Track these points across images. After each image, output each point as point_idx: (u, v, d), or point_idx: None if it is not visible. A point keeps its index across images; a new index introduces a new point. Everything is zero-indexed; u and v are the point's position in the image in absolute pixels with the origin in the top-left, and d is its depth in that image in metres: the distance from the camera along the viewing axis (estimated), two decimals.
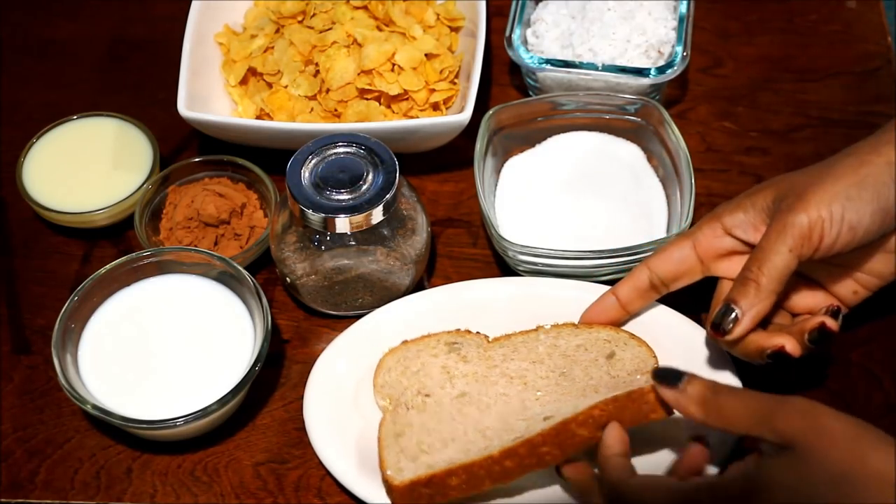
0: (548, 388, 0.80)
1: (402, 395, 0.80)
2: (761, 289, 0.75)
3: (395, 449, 0.77)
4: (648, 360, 0.80)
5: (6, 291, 0.92)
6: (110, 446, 0.84)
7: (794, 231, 0.74)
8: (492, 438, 0.76)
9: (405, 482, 0.75)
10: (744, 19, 1.08)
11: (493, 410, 0.79)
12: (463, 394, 0.80)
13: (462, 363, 0.81)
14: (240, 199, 0.92)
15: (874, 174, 0.75)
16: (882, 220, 0.75)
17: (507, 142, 0.94)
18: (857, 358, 0.86)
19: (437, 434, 0.78)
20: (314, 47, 0.98)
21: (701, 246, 0.80)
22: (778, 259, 0.75)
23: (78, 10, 1.11)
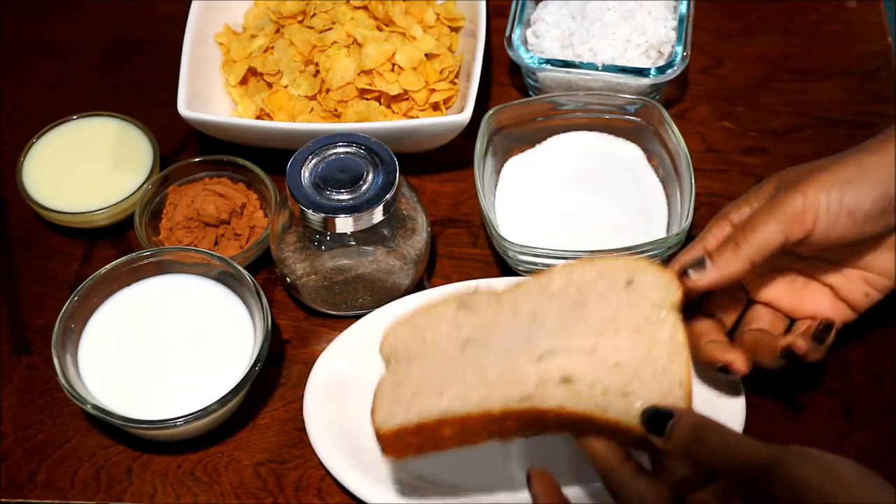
0: (558, 318, 0.74)
1: (405, 351, 0.75)
2: (739, 251, 0.74)
3: (390, 399, 0.72)
4: (671, 288, 0.74)
5: (6, 291, 0.92)
6: (110, 446, 0.84)
7: (786, 208, 0.74)
8: (493, 387, 0.71)
9: (392, 428, 0.70)
10: (744, 19, 1.08)
11: (497, 348, 0.73)
12: (468, 340, 0.75)
13: (470, 315, 0.76)
14: (240, 199, 0.92)
15: (877, 164, 0.74)
16: (884, 207, 0.74)
17: (507, 142, 0.94)
18: (856, 358, 0.86)
19: (436, 380, 0.73)
20: (314, 47, 0.98)
21: (710, 245, 0.78)
22: (763, 230, 0.74)
23: (78, 10, 1.11)
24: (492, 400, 0.70)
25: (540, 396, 0.70)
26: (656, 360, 0.72)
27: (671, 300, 0.73)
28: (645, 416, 0.68)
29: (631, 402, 0.70)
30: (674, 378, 0.71)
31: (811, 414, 0.83)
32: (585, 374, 0.71)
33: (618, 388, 0.70)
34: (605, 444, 0.69)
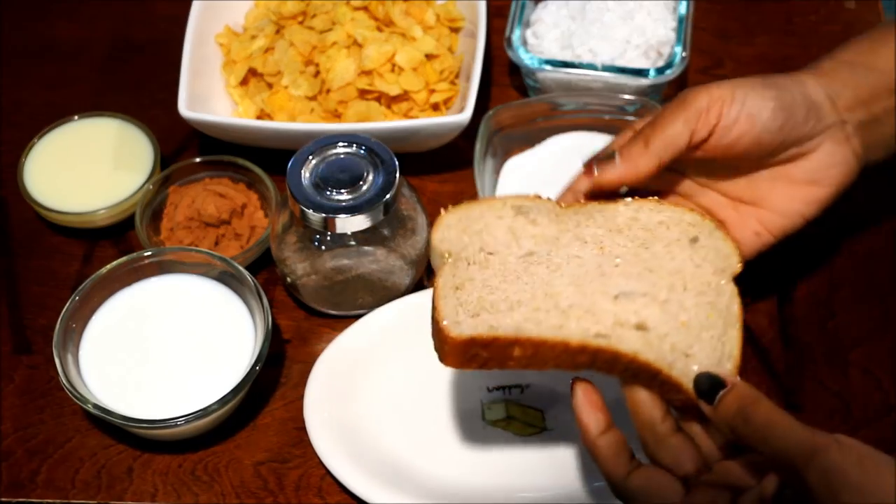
0: (627, 257, 0.73)
1: (462, 251, 0.73)
2: (648, 148, 0.75)
3: (454, 301, 0.70)
4: (733, 258, 0.73)
5: (7, 291, 0.93)
6: (111, 446, 0.84)
7: (692, 105, 0.75)
8: (568, 316, 0.70)
9: (463, 337, 0.68)
10: (743, 20, 1.08)
11: (565, 273, 0.72)
12: (530, 253, 0.73)
13: (530, 226, 0.74)
14: (240, 199, 0.93)
15: (781, 81, 0.77)
16: (783, 120, 0.75)
17: (507, 142, 0.94)
18: (856, 358, 0.86)
19: (502, 293, 0.70)
20: (314, 48, 0.98)
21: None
22: (671, 127, 0.75)
23: (79, 11, 1.11)
24: (568, 330, 0.69)
25: (616, 337, 0.69)
26: (713, 327, 0.71)
27: (732, 270, 0.73)
28: (698, 382, 0.67)
29: (690, 364, 0.69)
30: (725, 350, 0.70)
31: (811, 414, 0.84)
32: (659, 326, 0.70)
33: (683, 346, 0.70)
34: (651, 396, 0.69)
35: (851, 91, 0.78)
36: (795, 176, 0.78)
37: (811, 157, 0.78)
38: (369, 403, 0.83)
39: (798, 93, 0.76)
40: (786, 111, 0.75)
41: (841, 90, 0.78)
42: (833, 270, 0.91)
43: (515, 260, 0.72)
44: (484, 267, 0.72)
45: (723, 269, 0.73)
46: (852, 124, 0.78)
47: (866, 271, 0.90)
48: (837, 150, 0.78)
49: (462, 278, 0.71)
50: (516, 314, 0.69)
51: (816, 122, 0.77)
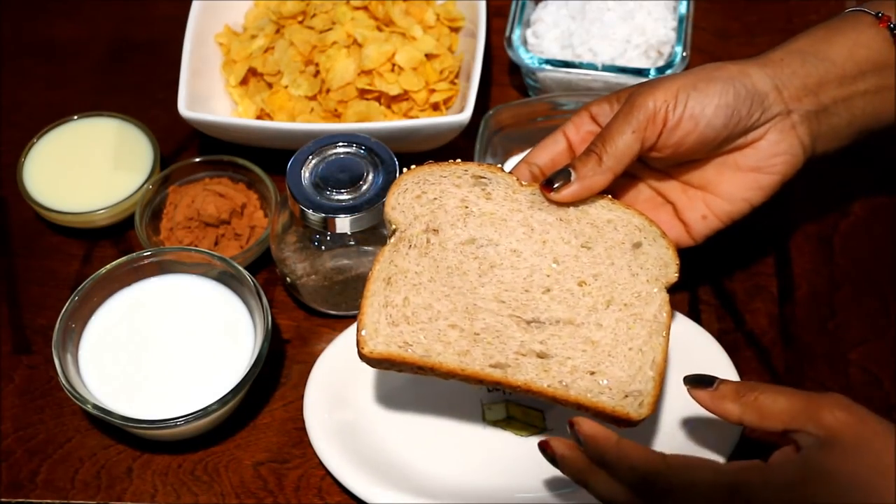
0: (566, 260, 0.76)
1: (409, 227, 0.76)
2: (602, 163, 0.77)
3: (380, 300, 0.74)
4: (671, 268, 0.76)
5: (7, 291, 0.93)
6: (111, 446, 0.84)
7: (639, 114, 0.77)
8: (477, 340, 0.73)
9: (375, 354, 0.72)
10: (743, 20, 1.08)
11: (495, 276, 0.75)
12: (472, 239, 0.76)
13: (484, 200, 0.77)
14: (240, 199, 0.93)
15: (724, 75, 0.78)
16: (727, 117, 0.77)
17: (507, 142, 0.94)
18: (856, 358, 0.86)
19: (427, 296, 0.74)
20: (314, 48, 0.98)
21: (570, 133, 0.82)
22: (621, 139, 0.77)
23: (78, 11, 1.11)
24: (471, 357, 0.72)
25: (514, 367, 0.72)
26: (635, 338, 0.74)
27: (667, 279, 0.76)
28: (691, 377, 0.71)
29: (596, 380, 0.72)
30: (647, 358, 0.73)
31: None
32: (561, 351, 0.73)
33: (588, 366, 0.73)
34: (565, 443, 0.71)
35: (800, 80, 0.79)
36: (741, 164, 0.80)
37: (757, 146, 0.79)
38: (369, 403, 0.83)
39: (741, 85, 0.77)
40: (729, 108, 0.77)
41: (788, 79, 0.79)
42: (833, 270, 0.91)
43: (454, 247, 0.75)
44: (421, 254, 0.75)
45: (657, 278, 0.76)
46: (799, 114, 0.79)
47: (866, 271, 0.90)
48: (783, 139, 0.79)
49: (397, 269, 0.74)
50: (431, 329, 0.73)
51: (761, 113, 0.78)
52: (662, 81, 0.78)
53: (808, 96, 0.79)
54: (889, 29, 0.79)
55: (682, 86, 0.77)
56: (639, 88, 0.79)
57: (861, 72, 0.79)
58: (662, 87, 0.78)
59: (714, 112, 0.77)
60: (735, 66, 0.79)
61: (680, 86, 0.77)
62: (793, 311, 0.89)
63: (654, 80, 0.80)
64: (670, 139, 0.77)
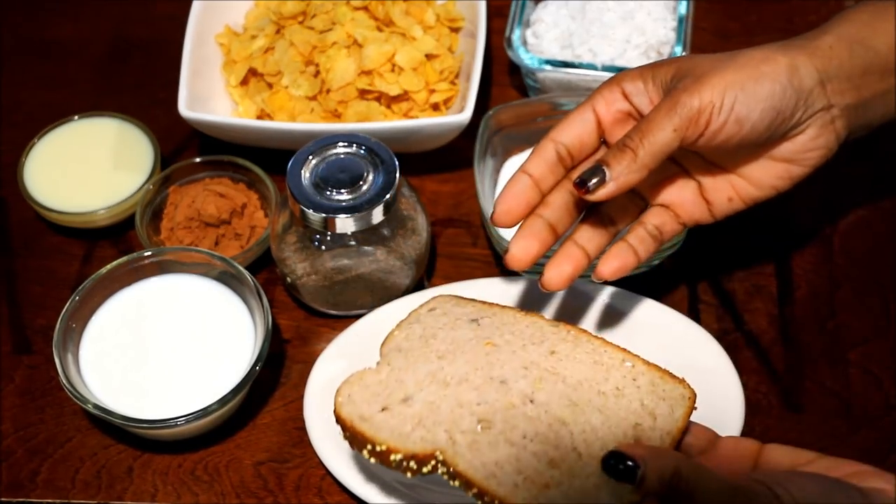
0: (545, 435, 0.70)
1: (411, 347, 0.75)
2: (637, 159, 0.74)
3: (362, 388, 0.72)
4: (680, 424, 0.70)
5: (7, 291, 0.93)
6: (111, 445, 0.84)
7: (682, 111, 0.73)
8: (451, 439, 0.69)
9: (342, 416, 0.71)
10: (743, 20, 1.08)
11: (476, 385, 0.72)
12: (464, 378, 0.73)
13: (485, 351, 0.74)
14: (240, 199, 0.93)
15: (773, 73, 0.75)
16: (771, 120, 0.75)
17: (507, 142, 0.94)
18: (856, 358, 0.86)
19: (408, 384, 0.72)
20: (314, 48, 0.98)
21: (599, 108, 0.78)
22: (661, 135, 0.73)
23: (79, 11, 1.11)
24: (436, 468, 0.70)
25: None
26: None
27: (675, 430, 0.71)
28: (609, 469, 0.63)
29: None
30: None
31: (810, 414, 0.84)
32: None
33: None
34: None
35: (845, 73, 0.77)
36: (775, 154, 0.78)
37: (794, 140, 0.77)
38: None
39: (790, 85, 0.75)
40: (775, 110, 0.75)
41: (835, 72, 0.76)
42: (833, 270, 0.91)
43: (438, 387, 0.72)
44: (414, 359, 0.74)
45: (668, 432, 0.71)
46: (839, 108, 0.77)
47: (866, 271, 0.90)
48: (821, 133, 0.77)
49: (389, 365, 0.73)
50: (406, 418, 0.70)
51: (804, 111, 0.76)
52: (710, 74, 0.74)
53: (850, 90, 0.77)
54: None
55: (729, 84, 0.74)
56: (685, 73, 0.75)
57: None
58: (709, 83, 0.74)
59: (760, 116, 0.74)
60: (784, 59, 0.75)
61: (728, 84, 0.74)
62: (793, 311, 0.89)
63: (702, 67, 0.75)
64: (712, 140, 0.75)
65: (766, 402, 0.84)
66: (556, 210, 0.78)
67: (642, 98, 0.78)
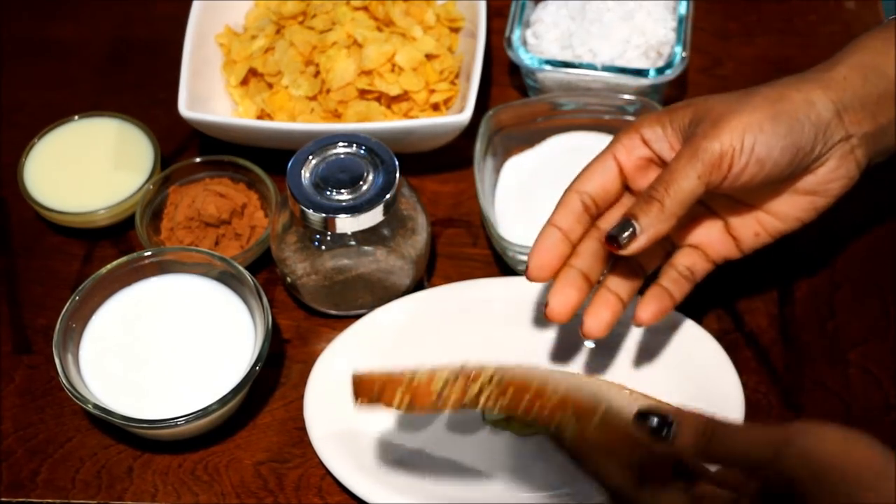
0: None
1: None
2: (664, 210, 0.74)
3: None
4: None
5: (7, 291, 0.93)
6: (111, 445, 0.84)
7: (705, 157, 0.74)
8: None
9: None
10: (743, 20, 1.08)
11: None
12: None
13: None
14: (240, 199, 0.93)
15: (790, 110, 0.75)
16: (792, 156, 0.75)
17: (507, 142, 0.94)
18: (855, 358, 0.86)
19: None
20: (314, 48, 0.98)
21: (620, 156, 0.79)
22: (685, 183, 0.74)
23: (79, 11, 1.11)
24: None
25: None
26: None
27: None
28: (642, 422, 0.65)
29: None
30: None
31: (810, 414, 0.84)
32: None
33: None
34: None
35: (860, 102, 0.77)
36: (798, 187, 0.79)
37: (816, 172, 0.78)
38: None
39: (807, 120, 0.75)
40: (794, 147, 0.75)
41: (850, 102, 0.77)
42: (833, 270, 0.91)
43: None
44: None
45: None
46: (858, 137, 0.77)
47: (866, 271, 0.90)
48: (842, 164, 0.78)
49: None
50: None
51: (824, 144, 0.76)
52: (726, 117, 0.75)
53: (867, 119, 0.77)
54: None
55: (748, 126, 0.74)
56: (702, 123, 0.76)
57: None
58: (728, 126, 0.74)
59: (780, 154, 0.75)
60: (799, 96, 0.76)
61: (746, 126, 0.74)
62: (792, 311, 0.89)
63: (718, 109, 0.76)
64: (736, 182, 0.75)
65: (766, 402, 0.84)
66: (587, 259, 0.78)
67: (662, 144, 0.78)
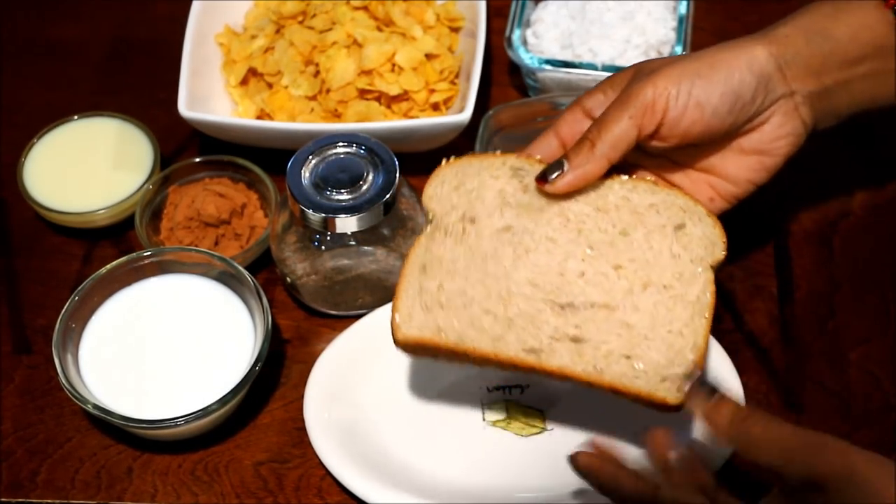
0: (601, 247, 0.75)
1: (446, 215, 0.77)
2: (595, 150, 0.75)
3: (414, 287, 0.74)
4: (718, 246, 0.75)
5: (7, 291, 0.93)
6: (111, 446, 0.84)
7: (636, 101, 0.75)
8: (511, 325, 0.72)
9: (408, 340, 0.73)
10: (743, 20, 1.08)
11: (528, 263, 0.75)
12: (507, 228, 0.76)
13: (521, 191, 0.77)
14: (240, 199, 0.93)
15: (729, 59, 0.76)
16: (732, 103, 0.76)
17: (507, 142, 0.94)
18: (856, 358, 0.86)
19: (461, 282, 0.74)
20: (314, 48, 0.98)
21: (562, 132, 0.80)
22: (616, 125, 0.75)
23: (79, 11, 1.11)
24: (505, 343, 0.72)
25: (547, 352, 0.72)
26: (676, 319, 0.73)
27: (713, 258, 0.75)
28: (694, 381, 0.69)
29: (632, 364, 0.71)
30: (688, 341, 0.72)
31: (810, 414, 0.84)
32: (596, 335, 0.73)
33: (623, 350, 0.72)
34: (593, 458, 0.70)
35: (803, 60, 0.78)
36: (745, 146, 0.79)
37: (761, 130, 0.79)
38: (369, 403, 0.83)
39: (747, 70, 0.76)
40: (734, 94, 0.76)
41: (792, 59, 0.77)
42: (833, 270, 0.91)
43: (490, 234, 0.75)
44: (457, 242, 0.75)
45: (702, 257, 0.75)
46: (802, 94, 0.78)
47: (866, 271, 0.90)
48: (786, 121, 0.78)
49: (432, 256, 0.75)
50: (465, 315, 0.73)
51: (765, 96, 0.77)
52: (664, 68, 0.77)
53: (810, 77, 0.78)
54: (893, 11, 0.78)
55: (683, 72, 0.76)
56: (638, 76, 0.77)
57: (863, 55, 0.78)
58: (664, 73, 0.76)
59: (720, 100, 0.76)
60: (739, 47, 0.77)
61: (682, 72, 0.76)
62: (793, 311, 0.89)
63: (656, 64, 0.78)
64: (676, 128, 0.76)
65: (766, 402, 0.84)
66: None
67: (603, 108, 0.78)
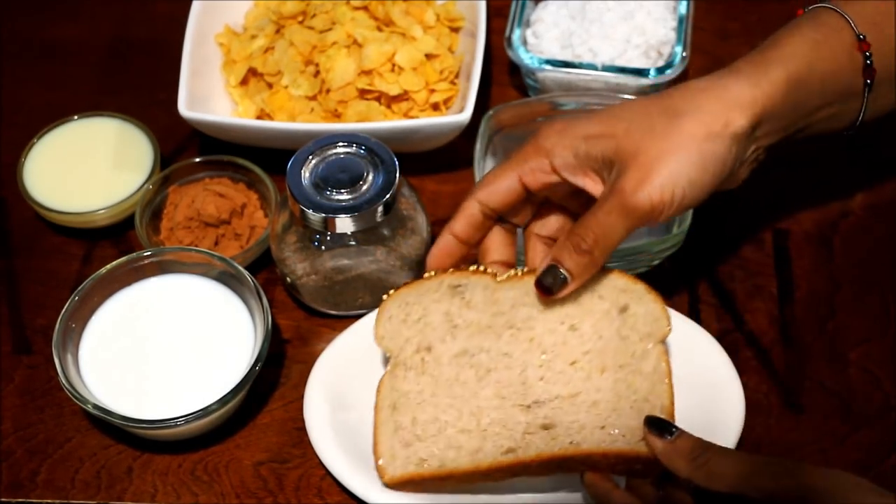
0: (555, 348, 0.76)
1: (401, 351, 0.79)
2: (594, 261, 0.75)
3: (390, 427, 0.77)
4: (662, 322, 0.76)
5: (7, 291, 0.93)
6: (111, 446, 0.84)
7: (636, 214, 0.74)
8: (486, 435, 0.75)
9: (396, 480, 0.76)
10: (744, 20, 1.08)
11: (492, 379, 0.76)
12: (464, 351, 0.78)
13: (465, 309, 0.78)
14: (240, 199, 0.93)
15: (716, 152, 0.75)
16: (713, 189, 0.76)
17: (507, 142, 0.94)
18: (856, 358, 0.86)
19: (432, 409, 0.76)
20: (314, 48, 0.98)
21: (526, 178, 0.78)
22: (616, 237, 0.75)
23: (79, 11, 1.11)
24: (483, 453, 0.74)
25: (524, 447, 0.74)
26: (638, 390, 0.75)
27: (661, 333, 0.76)
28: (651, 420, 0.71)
29: (607, 432, 0.73)
30: (655, 405, 0.74)
31: (810, 414, 0.84)
32: (566, 418, 0.75)
33: (595, 423, 0.74)
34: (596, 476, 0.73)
35: (780, 124, 0.78)
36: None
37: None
38: (369, 403, 0.83)
39: (732, 157, 0.75)
40: (718, 180, 0.76)
41: (769, 124, 0.77)
42: (833, 270, 0.91)
43: (448, 360, 0.78)
44: (419, 373, 0.78)
45: (650, 334, 0.76)
46: (764, 147, 0.79)
47: (866, 271, 0.90)
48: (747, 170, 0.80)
49: (398, 392, 0.78)
50: (442, 439, 0.75)
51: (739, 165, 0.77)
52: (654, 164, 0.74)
53: (778, 133, 0.79)
54: (863, 56, 0.79)
55: (677, 179, 0.74)
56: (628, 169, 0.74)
57: (829, 102, 0.79)
58: (658, 178, 0.73)
59: (706, 194, 0.76)
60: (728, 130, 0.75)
61: (675, 179, 0.74)
62: (793, 311, 0.89)
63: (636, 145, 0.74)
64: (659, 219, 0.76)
65: (766, 402, 0.84)
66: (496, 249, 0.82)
67: (573, 171, 0.77)
